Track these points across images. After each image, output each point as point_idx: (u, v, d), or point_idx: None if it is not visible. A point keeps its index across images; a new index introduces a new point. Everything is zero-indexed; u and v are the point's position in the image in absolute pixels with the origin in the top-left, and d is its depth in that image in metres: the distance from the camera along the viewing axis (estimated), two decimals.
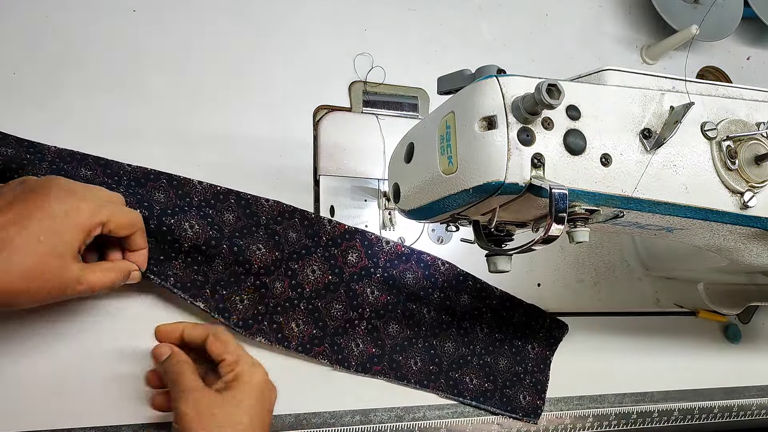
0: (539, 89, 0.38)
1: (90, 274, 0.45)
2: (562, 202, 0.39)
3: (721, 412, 0.72)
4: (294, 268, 0.58)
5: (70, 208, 0.43)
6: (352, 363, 0.59)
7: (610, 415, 0.68)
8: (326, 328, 0.59)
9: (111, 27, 0.62)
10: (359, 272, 0.60)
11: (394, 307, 0.61)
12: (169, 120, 0.61)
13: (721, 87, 0.51)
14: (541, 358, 0.66)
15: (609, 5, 0.86)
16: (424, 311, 0.62)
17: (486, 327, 0.65)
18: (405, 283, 0.61)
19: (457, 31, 0.76)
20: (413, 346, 0.62)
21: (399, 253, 0.61)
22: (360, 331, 0.60)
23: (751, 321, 0.77)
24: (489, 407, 0.63)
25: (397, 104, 0.70)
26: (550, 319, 0.67)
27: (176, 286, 0.53)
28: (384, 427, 0.60)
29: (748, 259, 0.56)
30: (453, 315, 0.64)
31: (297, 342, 0.57)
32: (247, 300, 0.56)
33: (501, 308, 0.65)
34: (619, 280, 0.74)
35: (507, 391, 0.64)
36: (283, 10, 0.69)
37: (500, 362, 0.65)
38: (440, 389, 0.62)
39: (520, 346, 0.66)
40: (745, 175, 0.48)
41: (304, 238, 0.59)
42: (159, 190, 0.55)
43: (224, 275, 0.55)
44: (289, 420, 0.57)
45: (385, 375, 0.60)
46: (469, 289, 0.64)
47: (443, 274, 0.63)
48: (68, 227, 0.43)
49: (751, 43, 0.92)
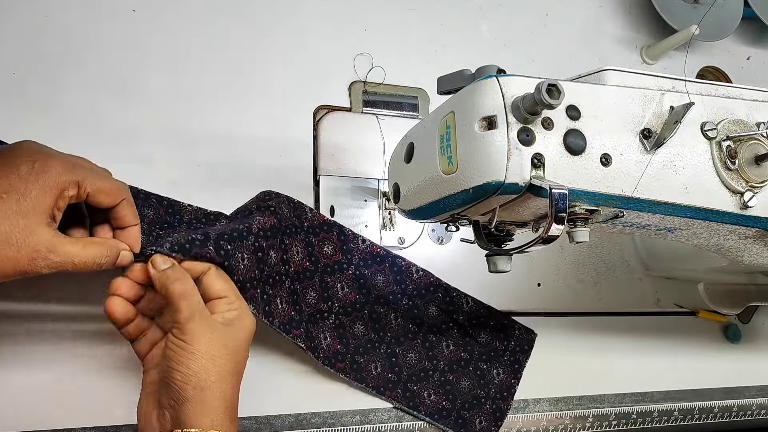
0: (539, 89, 0.38)
1: (67, 245, 0.40)
2: (562, 202, 0.39)
3: (721, 412, 0.72)
4: (286, 243, 0.56)
5: (37, 165, 0.39)
6: (320, 354, 0.58)
7: (610, 415, 0.68)
8: (302, 312, 0.57)
9: (111, 27, 0.62)
10: (332, 265, 0.59)
11: (362, 307, 0.60)
12: (169, 120, 0.61)
13: (721, 87, 0.51)
14: (506, 386, 0.64)
15: (609, 5, 0.86)
16: (390, 317, 0.61)
17: (452, 344, 0.64)
18: (375, 284, 0.60)
19: (457, 31, 0.76)
20: (376, 350, 0.61)
21: (374, 253, 0.61)
22: (328, 324, 0.59)
23: (751, 321, 0.77)
24: (442, 426, 0.61)
25: (397, 104, 0.70)
26: (519, 329, 0.66)
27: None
28: (384, 427, 0.60)
29: (748, 259, 0.56)
30: (420, 326, 0.63)
31: (279, 320, 0.55)
32: (247, 260, 0.52)
33: (469, 325, 0.64)
34: (619, 280, 0.74)
35: (464, 413, 0.62)
36: (283, 10, 0.69)
37: (462, 383, 0.63)
38: (396, 399, 0.60)
39: (486, 369, 0.64)
40: (745, 175, 0.48)
41: (293, 218, 0.57)
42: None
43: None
44: (289, 420, 0.57)
45: (346, 374, 0.59)
46: (438, 301, 0.63)
47: (415, 281, 0.62)
48: (35, 185, 0.39)
49: (751, 43, 0.92)
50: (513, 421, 0.64)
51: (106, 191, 0.43)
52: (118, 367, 0.54)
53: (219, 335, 0.43)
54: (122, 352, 0.54)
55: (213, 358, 0.42)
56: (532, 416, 0.65)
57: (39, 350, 0.52)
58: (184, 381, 0.41)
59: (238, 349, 0.44)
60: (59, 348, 0.52)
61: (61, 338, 0.53)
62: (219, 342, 0.43)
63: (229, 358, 0.43)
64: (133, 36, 0.63)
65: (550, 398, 0.66)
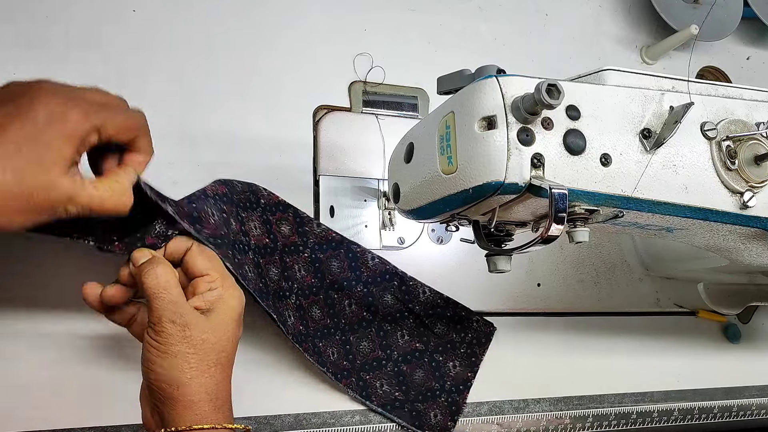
0: (539, 89, 0.38)
1: (90, 189, 0.38)
2: (561, 202, 0.39)
3: (720, 412, 0.72)
4: (243, 216, 0.55)
5: (56, 112, 0.37)
6: (288, 333, 0.56)
7: (610, 415, 0.68)
8: (268, 287, 0.56)
9: (111, 27, 0.62)
10: (290, 246, 0.58)
11: (318, 291, 0.59)
12: (169, 120, 0.61)
13: (721, 87, 0.51)
14: (462, 379, 0.63)
15: (609, 5, 0.86)
16: (345, 303, 0.60)
17: (407, 334, 0.62)
18: (330, 269, 0.59)
19: (456, 31, 0.76)
20: (332, 336, 0.59)
21: (329, 238, 0.59)
22: (290, 303, 0.58)
23: (751, 321, 0.77)
24: (395, 418, 0.60)
25: (397, 104, 0.70)
26: (477, 321, 0.65)
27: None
28: (384, 427, 0.60)
29: (748, 259, 0.56)
30: (374, 314, 0.61)
31: (252, 287, 0.52)
32: (216, 216, 0.51)
33: (425, 315, 0.63)
34: (619, 280, 0.74)
35: (418, 405, 0.61)
36: (283, 10, 0.69)
37: (416, 374, 0.62)
38: (351, 387, 0.59)
39: (441, 362, 0.63)
40: (744, 175, 0.48)
41: (248, 192, 0.56)
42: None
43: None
44: (288, 420, 0.57)
45: (310, 355, 0.57)
46: (393, 289, 0.61)
47: (370, 269, 0.61)
48: (55, 135, 0.36)
49: (751, 43, 0.92)
50: (513, 421, 0.64)
51: (126, 128, 0.40)
52: (118, 367, 0.54)
53: (197, 330, 0.41)
54: (123, 351, 0.54)
55: (187, 356, 0.40)
56: (532, 416, 0.65)
57: (39, 350, 0.52)
58: (159, 380, 0.40)
59: (221, 336, 0.42)
60: (59, 348, 0.52)
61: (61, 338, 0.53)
62: (197, 338, 0.41)
63: (209, 350, 0.41)
64: (134, 36, 0.63)
65: (550, 398, 0.66)
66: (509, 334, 0.67)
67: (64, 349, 0.52)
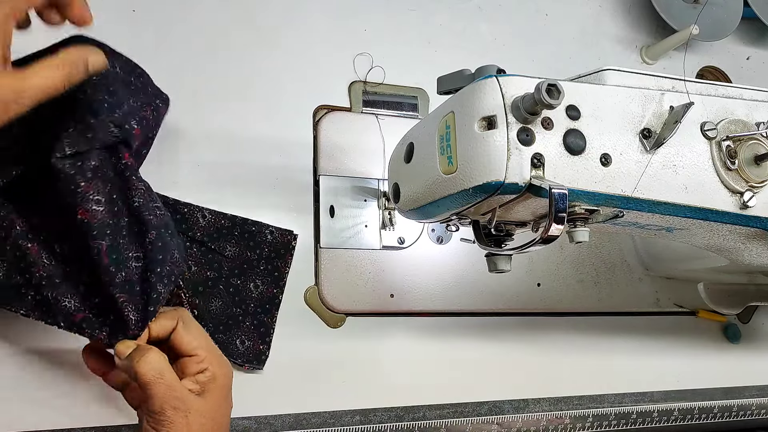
0: (539, 89, 0.38)
1: (33, 78, 0.36)
2: (561, 202, 0.39)
3: (720, 412, 0.72)
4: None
5: None
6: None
7: (610, 415, 0.68)
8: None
9: (111, 27, 0.62)
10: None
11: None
12: (169, 120, 0.61)
13: (721, 87, 0.51)
14: (267, 298, 0.58)
15: (609, 5, 0.86)
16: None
17: (194, 265, 0.57)
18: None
19: (456, 31, 0.76)
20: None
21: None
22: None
23: (751, 321, 0.77)
24: None
25: (397, 104, 0.70)
26: (272, 232, 0.60)
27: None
28: (384, 427, 0.60)
29: (748, 259, 0.56)
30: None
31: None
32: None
33: (210, 240, 0.58)
34: (619, 280, 0.74)
35: (219, 336, 0.56)
36: (283, 9, 0.69)
37: (212, 305, 0.57)
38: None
39: (240, 285, 0.58)
40: (744, 175, 0.48)
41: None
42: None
43: None
44: (288, 420, 0.57)
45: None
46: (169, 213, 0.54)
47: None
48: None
49: (751, 43, 0.92)
50: (513, 421, 0.64)
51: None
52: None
53: (196, 415, 0.41)
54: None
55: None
56: (532, 416, 0.65)
57: (39, 350, 0.52)
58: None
59: (217, 417, 0.43)
60: (59, 347, 0.52)
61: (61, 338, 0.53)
62: (196, 422, 0.41)
63: (208, 427, 0.42)
64: (134, 36, 0.63)
65: (550, 398, 0.66)
66: (509, 334, 0.67)
67: (64, 348, 0.52)
